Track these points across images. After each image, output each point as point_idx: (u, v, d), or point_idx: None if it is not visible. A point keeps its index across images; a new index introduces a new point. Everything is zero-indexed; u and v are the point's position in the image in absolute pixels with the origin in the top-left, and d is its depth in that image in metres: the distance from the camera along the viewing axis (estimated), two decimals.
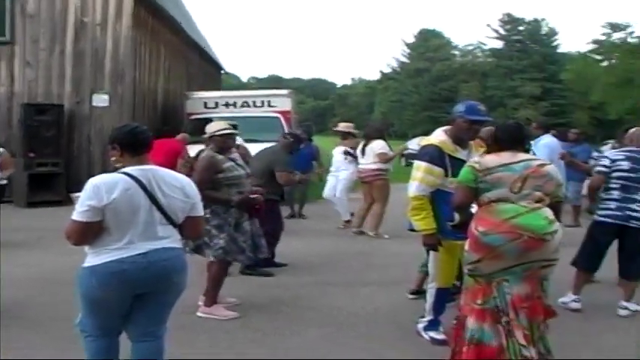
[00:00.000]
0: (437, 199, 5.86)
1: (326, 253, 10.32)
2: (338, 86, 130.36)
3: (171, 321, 4.64)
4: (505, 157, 5.10)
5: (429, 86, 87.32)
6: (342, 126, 14.29)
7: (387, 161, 12.22)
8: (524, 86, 78.80)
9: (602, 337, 6.59)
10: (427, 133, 11.96)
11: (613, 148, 12.28)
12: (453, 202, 5.41)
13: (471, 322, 4.91)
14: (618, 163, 7.30)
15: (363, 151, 12.36)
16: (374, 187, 12.21)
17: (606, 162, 7.42)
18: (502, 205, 4.90)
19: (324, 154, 15.86)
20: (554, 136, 12.87)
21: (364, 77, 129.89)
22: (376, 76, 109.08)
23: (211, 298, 7.06)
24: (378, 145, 12.12)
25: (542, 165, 5.09)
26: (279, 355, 5.93)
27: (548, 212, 4.88)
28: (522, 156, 5.12)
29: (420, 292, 7.65)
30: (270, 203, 8.60)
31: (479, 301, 4.90)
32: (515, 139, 5.25)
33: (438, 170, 5.78)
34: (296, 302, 7.67)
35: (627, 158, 7.28)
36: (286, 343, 6.27)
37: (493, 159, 5.15)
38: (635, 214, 7.09)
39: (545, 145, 11.52)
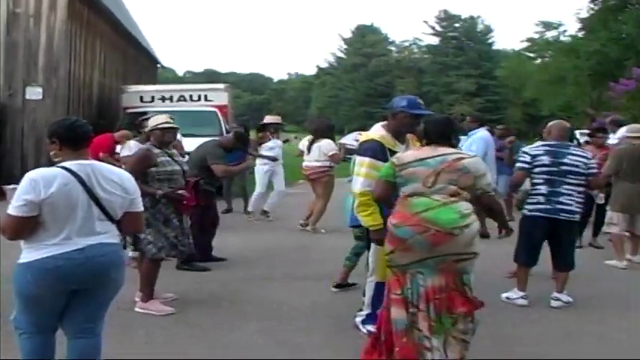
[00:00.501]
0: None
1: (264, 247, 10.29)
2: (274, 81, 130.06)
3: (108, 317, 4.58)
4: (424, 151, 5.16)
5: (365, 81, 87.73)
6: (268, 119, 14.34)
7: (338, 161, 12.22)
8: (459, 82, 79.77)
9: (534, 328, 6.72)
10: (363, 128, 12.01)
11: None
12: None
13: (394, 312, 4.98)
14: (538, 158, 7.48)
15: (309, 148, 12.33)
16: (319, 184, 12.18)
17: (527, 158, 7.59)
18: (416, 198, 4.94)
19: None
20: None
21: (301, 72, 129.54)
22: (313, 71, 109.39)
23: (147, 294, 6.98)
24: (327, 145, 12.08)
25: (459, 159, 5.03)
26: (217, 350, 5.90)
27: (463, 206, 4.89)
28: (442, 150, 5.07)
29: (343, 286, 7.81)
30: (205, 195, 8.73)
31: (397, 292, 4.98)
32: (443, 133, 5.24)
33: (382, 165, 5.72)
34: (234, 297, 7.64)
35: (546, 152, 7.47)
36: (225, 337, 6.25)
37: (411, 154, 5.24)
38: (564, 207, 7.24)
39: (481, 138, 11.71)
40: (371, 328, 6.07)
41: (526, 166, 7.55)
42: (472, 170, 4.98)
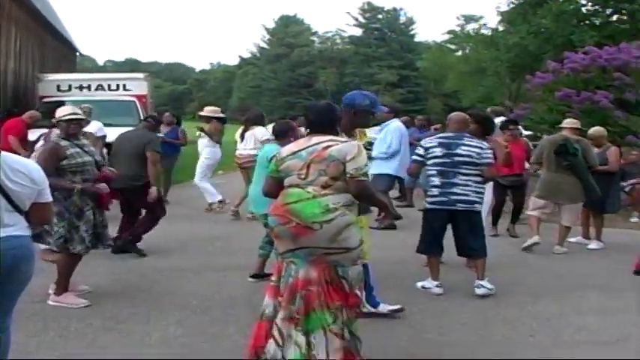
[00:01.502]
0: None
1: (183, 238, 10.20)
2: (196, 70, 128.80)
3: (21, 310, 4.46)
4: (299, 143, 5.15)
5: (288, 72, 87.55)
6: (207, 110, 14.22)
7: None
8: (381, 73, 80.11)
9: (459, 315, 6.83)
10: (284, 118, 11.96)
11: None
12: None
13: (265, 298, 5.02)
14: (431, 150, 7.65)
15: (242, 137, 12.31)
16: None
17: (421, 151, 7.76)
18: (291, 189, 4.95)
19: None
20: (405, 122, 13.25)
21: (223, 62, 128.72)
22: (235, 61, 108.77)
23: (62, 287, 6.85)
24: (260, 132, 12.07)
25: (327, 147, 4.91)
26: (133, 342, 5.84)
27: (332, 200, 4.80)
28: (315, 140, 5.02)
29: (260, 276, 7.79)
30: (146, 186, 9.01)
31: (274, 279, 5.03)
32: (324, 121, 5.19)
33: None
34: (152, 288, 7.59)
35: (439, 144, 7.65)
36: (141, 329, 6.18)
37: (288, 147, 5.22)
38: (460, 197, 7.39)
39: (396, 129, 11.86)
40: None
41: (419, 158, 7.80)
42: (339, 157, 4.85)
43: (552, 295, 7.76)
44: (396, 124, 12.04)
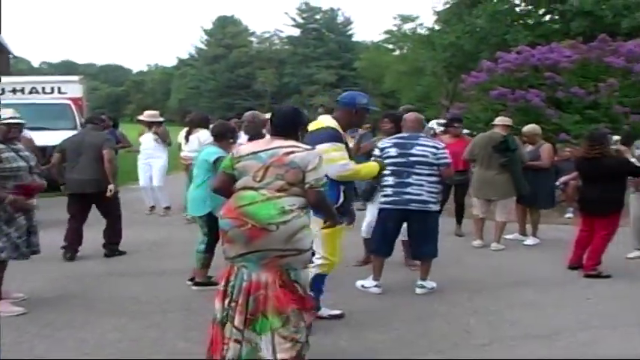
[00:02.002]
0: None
1: (121, 242, 10.07)
2: (134, 72, 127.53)
3: None
4: (260, 144, 5.13)
5: (226, 73, 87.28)
6: (147, 115, 14.12)
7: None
8: (319, 74, 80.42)
9: (398, 312, 6.90)
10: (223, 119, 11.91)
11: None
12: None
13: (216, 303, 4.97)
14: (386, 150, 7.74)
15: (186, 139, 12.28)
16: None
17: (377, 152, 7.84)
18: (244, 192, 4.91)
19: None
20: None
21: (160, 63, 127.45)
22: (173, 63, 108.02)
23: None
24: (204, 135, 12.02)
25: (289, 153, 4.91)
26: (69, 349, 5.77)
27: (287, 202, 4.81)
28: (277, 143, 5.01)
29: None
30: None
31: (221, 284, 4.98)
32: (288, 125, 5.19)
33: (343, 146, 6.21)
34: (89, 294, 7.51)
35: (394, 145, 7.75)
36: (77, 335, 6.10)
37: (248, 147, 5.21)
38: (413, 197, 7.44)
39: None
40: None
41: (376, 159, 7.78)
42: (301, 165, 4.87)
43: (488, 291, 7.90)
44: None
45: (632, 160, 9.38)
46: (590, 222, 9.08)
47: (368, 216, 8.79)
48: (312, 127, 6.21)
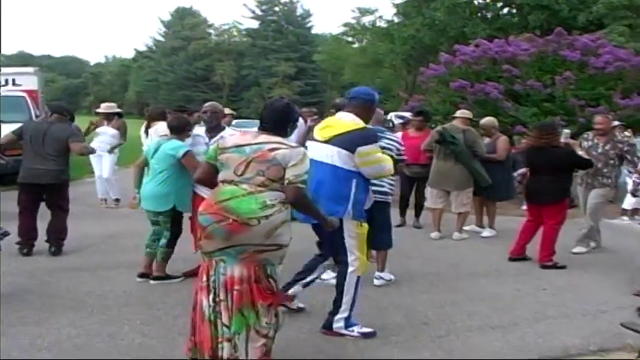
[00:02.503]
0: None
1: (75, 236, 9.87)
2: (91, 64, 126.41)
3: None
4: (246, 138, 5.09)
5: (185, 65, 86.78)
6: (104, 107, 14.00)
7: None
8: (279, 66, 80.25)
9: (356, 304, 6.91)
10: (183, 110, 11.81)
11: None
12: (194, 176, 5.56)
13: (200, 299, 4.96)
14: None
15: (146, 132, 12.18)
16: None
17: None
18: (224, 186, 4.93)
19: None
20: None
21: (118, 55, 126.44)
22: (131, 54, 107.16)
23: None
24: (162, 128, 11.90)
25: (273, 149, 4.89)
26: (24, 346, 5.67)
27: (268, 197, 4.81)
28: (263, 138, 4.99)
29: (146, 276, 7.68)
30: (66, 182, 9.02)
31: (204, 279, 4.96)
32: (278, 120, 5.13)
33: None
34: (43, 289, 7.37)
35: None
36: (32, 332, 5.98)
37: (233, 139, 5.17)
38: (376, 188, 7.42)
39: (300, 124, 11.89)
40: (359, 329, 6.06)
41: None
42: (282, 162, 4.85)
43: (446, 283, 7.97)
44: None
45: (580, 152, 9.50)
46: (537, 211, 9.23)
47: None
48: (337, 127, 6.03)
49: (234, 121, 7.81)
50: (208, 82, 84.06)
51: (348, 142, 5.83)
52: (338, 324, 6.06)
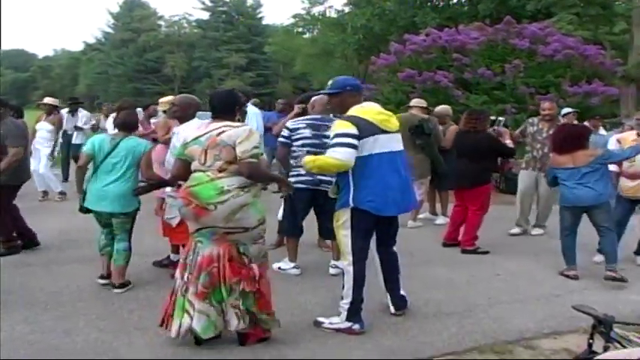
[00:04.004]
0: None
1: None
2: (39, 57, 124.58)
3: None
4: (200, 129, 5.44)
5: (135, 57, 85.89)
6: (49, 100, 13.86)
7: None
8: (230, 57, 79.84)
9: (315, 295, 6.96)
10: (139, 106, 11.65)
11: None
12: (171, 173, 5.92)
13: (177, 274, 5.44)
14: (299, 131, 7.74)
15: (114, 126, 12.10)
16: None
17: (285, 132, 7.82)
18: (194, 174, 5.33)
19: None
20: (257, 105, 13.31)
21: (67, 48, 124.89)
22: (80, 47, 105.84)
23: None
24: None
25: (220, 133, 5.25)
26: None
27: (227, 183, 5.17)
28: (213, 126, 5.35)
29: (108, 277, 7.31)
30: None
31: (183, 257, 5.44)
32: (225, 106, 5.51)
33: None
34: None
35: (308, 126, 7.74)
36: None
37: (192, 132, 5.51)
38: (326, 177, 7.43)
39: (257, 112, 11.95)
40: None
41: (285, 140, 7.79)
42: (229, 142, 5.20)
43: (402, 271, 7.89)
44: (255, 109, 12.09)
45: (508, 142, 9.58)
46: (461, 196, 9.37)
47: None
48: (394, 118, 6.19)
49: (198, 113, 7.86)
50: (159, 74, 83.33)
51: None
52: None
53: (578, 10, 28.55)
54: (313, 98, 8.18)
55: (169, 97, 11.63)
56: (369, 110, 5.94)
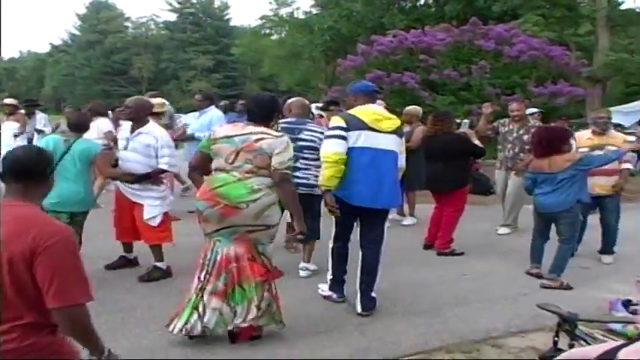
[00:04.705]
0: None
1: None
2: (4, 59, 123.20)
3: None
4: (235, 129, 5.58)
5: (102, 59, 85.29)
6: (10, 101, 13.75)
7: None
8: (197, 59, 79.64)
9: (281, 295, 6.91)
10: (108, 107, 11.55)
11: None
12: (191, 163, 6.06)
13: (196, 274, 5.54)
14: None
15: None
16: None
17: None
18: (217, 174, 5.46)
19: None
20: (225, 107, 13.23)
21: (33, 50, 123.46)
22: (46, 49, 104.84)
23: None
24: (104, 124, 11.70)
25: (259, 140, 5.39)
26: None
27: (256, 182, 5.33)
28: (250, 129, 5.49)
29: None
30: None
31: (202, 257, 5.56)
32: (265, 112, 5.65)
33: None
34: None
35: (283, 129, 7.64)
36: None
37: (223, 129, 5.69)
38: (301, 180, 7.44)
39: (221, 116, 11.88)
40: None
41: None
42: (267, 151, 5.36)
43: None
44: (219, 112, 12.04)
45: (476, 142, 9.64)
46: (439, 198, 9.37)
47: None
48: (393, 119, 6.69)
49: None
50: (126, 76, 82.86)
51: (401, 132, 6.78)
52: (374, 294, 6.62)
53: (543, 12, 28.83)
54: (289, 101, 8.19)
55: (160, 100, 11.68)
56: (363, 110, 6.49)
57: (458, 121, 10.24)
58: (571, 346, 3.84)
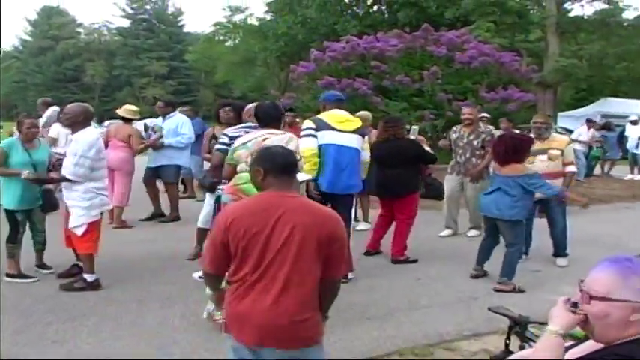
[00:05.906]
0: None
1: None
2: None
3: None
4: (249, 135, 6.46)
5: (54, 66, 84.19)
6: None
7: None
8: (151, 65, 79.04)
9: None
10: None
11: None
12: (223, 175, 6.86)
13: None
14: (238, 139, 7.66)
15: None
16: None
17: (225, 140, 7.74)
18: (241, 174, 6.11)
19: None
20: (189, 113, 13.22)
21: None
22: None
23: None
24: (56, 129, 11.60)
25: (265, 139, 6.14)
26: None
27: None
28: (260, 133, 6.37)
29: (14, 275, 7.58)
30: None
31: None
32: (272, 116, 6.59)
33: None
34: None
35: (247, 134, 7.67)
36: None
37: (240, 139, 6.50)
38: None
39: (188, 120, 11.89)
40: None
41: (223, 147, 7.71)
42: None
43: None
44: (184, 117, 12.02)
45: (427, 148, 9.70)
46: (389, 205, 9.39)
47: (206, 207, 8.66)
48: (356, 121, 8.16)
49: (106, 122, 7.85)
50: (79, 82, 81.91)
51: (362, 131, 8.14)
52: None
53: (495, 19, 29.16)
54: (248, 106, 8.18)
55: (133, 106, 11.64)
56: (330, 114, 7.95)
57: (407, 127, 10.30)
58: (521, 348, 3.88)
